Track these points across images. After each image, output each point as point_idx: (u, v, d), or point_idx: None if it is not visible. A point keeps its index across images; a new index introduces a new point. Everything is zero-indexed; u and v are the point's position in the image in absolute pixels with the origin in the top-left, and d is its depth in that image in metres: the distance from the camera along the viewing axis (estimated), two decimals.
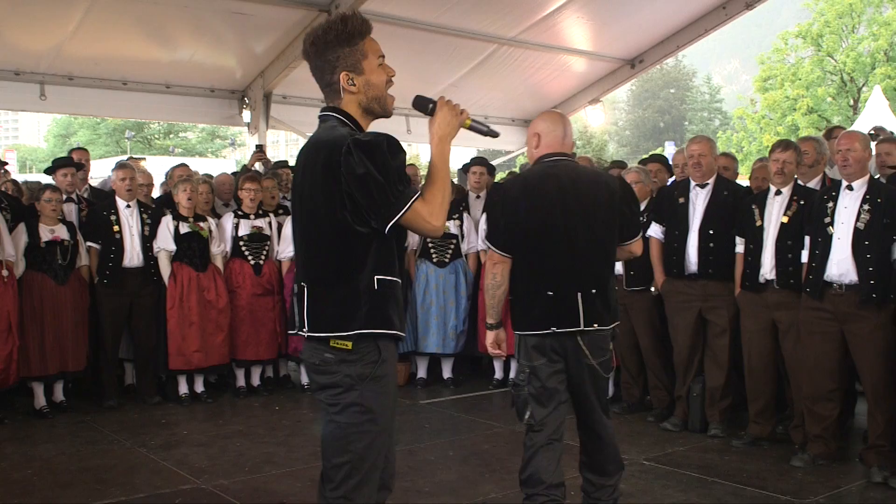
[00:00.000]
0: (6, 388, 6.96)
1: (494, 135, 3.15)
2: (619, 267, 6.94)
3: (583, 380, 4.09)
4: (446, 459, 6.00)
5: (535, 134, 4.17)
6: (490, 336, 4.28)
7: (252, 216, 7.98)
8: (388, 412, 2.98)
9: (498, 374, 8.42)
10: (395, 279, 2.97)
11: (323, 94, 3.06)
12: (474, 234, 8.35)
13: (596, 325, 4.02)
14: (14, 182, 8.61)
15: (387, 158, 2.83)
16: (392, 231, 2.87)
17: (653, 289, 6.88)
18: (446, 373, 8.45)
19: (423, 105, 3.05)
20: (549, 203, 4.01)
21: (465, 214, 8.39)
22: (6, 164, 9.27)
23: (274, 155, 12.61)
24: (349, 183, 2.82)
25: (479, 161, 9.16)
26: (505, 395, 8.10)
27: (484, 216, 7.87)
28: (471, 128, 3.06)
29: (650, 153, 23.91)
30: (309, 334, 2.96)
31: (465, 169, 9.07)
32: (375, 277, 2.91)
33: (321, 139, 2.95)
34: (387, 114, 3.07)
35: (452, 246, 8.27)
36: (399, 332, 2.99)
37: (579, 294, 3.99)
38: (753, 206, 6.14)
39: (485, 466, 5.80)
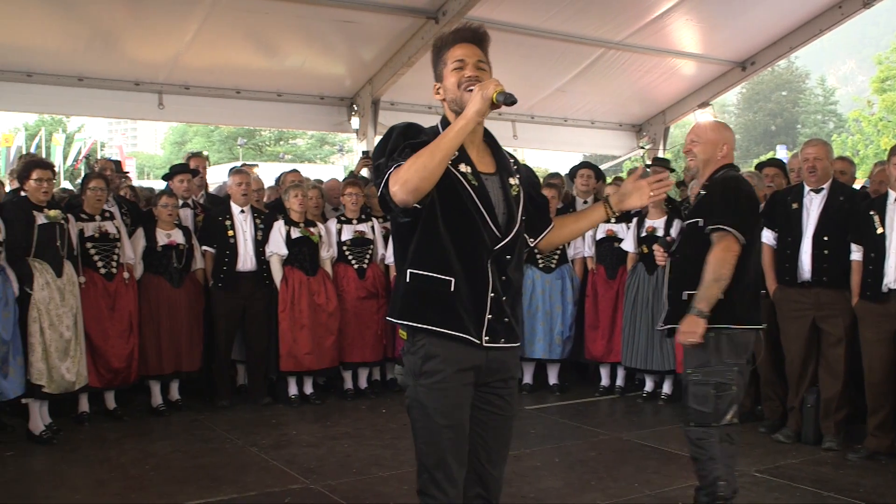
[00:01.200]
0: (126, 386, 7.24)
1: (511, 102, 2.87)
2: None
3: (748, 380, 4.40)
4: (552, 466, 5.97)
5: (725, 143, 4.41)
6: (701, 325, 4.14)
7: (355, 221, 8.09)
8: (446, 410, 2.95)
9: (604, 381, 8.34)
10: (435, 275, 2.93)
11: None
12: (580, 240, 8.29)
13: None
14: (132, 188, 8.93)
15: (396, 140, 2.92)
16: (435, 222, 2.90)
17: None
18: (552, 379, 8.41)
19: None
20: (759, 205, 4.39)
21: None
22: (127, 172, 9.62)
23: None
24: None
25: (586, 165, 9.09)
26: (612, 403, 8.04)
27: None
28: (497, 101, 2.85)
29: (762, 157, 23.32)
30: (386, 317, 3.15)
31: (573, 173, 9.01)
32: (409, 271, 2.97)
33: None
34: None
35: (558, 251, 8.22)
36: (433, 328, 2.93)
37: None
38: (872, 213, 5.92)
39: (591, 474, 5.75)
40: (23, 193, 6.61)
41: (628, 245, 7.97)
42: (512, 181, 3.10)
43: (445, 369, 2.93)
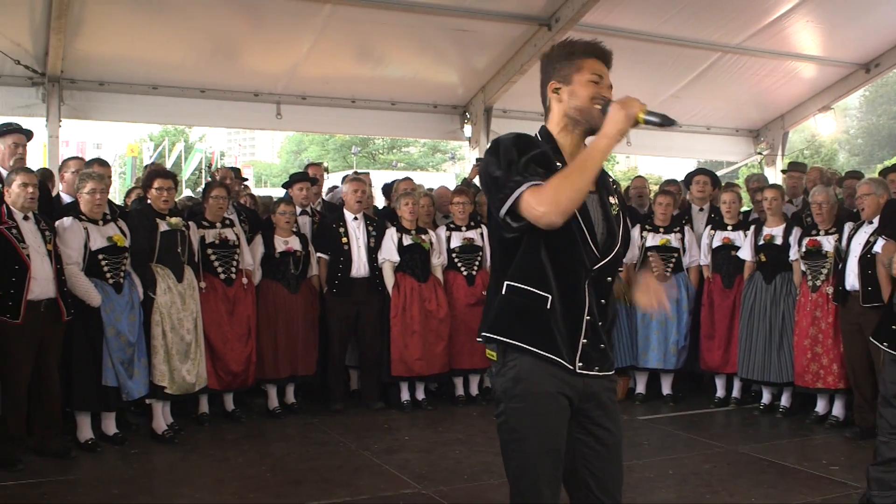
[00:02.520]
0: (244, 389, 7.44)
1: (670, 123, 2.82)
2: (855, 283, 6.61)
3: None
4: (665, 478, 5.86)
5: None
6: None
7: (464, 228, 8.12)
8: (540, 435, 2.82)
9: (720, 393, 8.15)
10: (533, 290, 2.82)
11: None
12: (696, 248, 8.14)
13: None
14: (251, 196, 9.18)
15: (510, 152, 2.78)
16: (538, 237, 2.78)
17: None
18: (666, 389, 8.27)
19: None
20: None
21: (686, 228, 8.18)
22: (246, 179, 9.89)
23: None
24: (481, 186, 2.84)
25: (702, 171, 8.92)
26: (728, 414, 7.87)
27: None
28: (646, 122, 2.80)
29: (887, 162, 22.46)
30: (477, 338, 3.00)
31: (688, 180, 8.86)
32: (506, 283, 2.86)
33: None
34: (595, 126, 2.88)
35: (674, 260, 8.09)
36: (524, 345, 2.82)
37: None
38: None
39: (706, 487, 5.63)
40: (148, 201, 6.90)
41: (745, 253, 7.79)
42: (612, 200, 3.00)
43: (538, 392, 2.81)
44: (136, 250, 6.60)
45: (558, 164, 2.85)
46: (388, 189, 9.46)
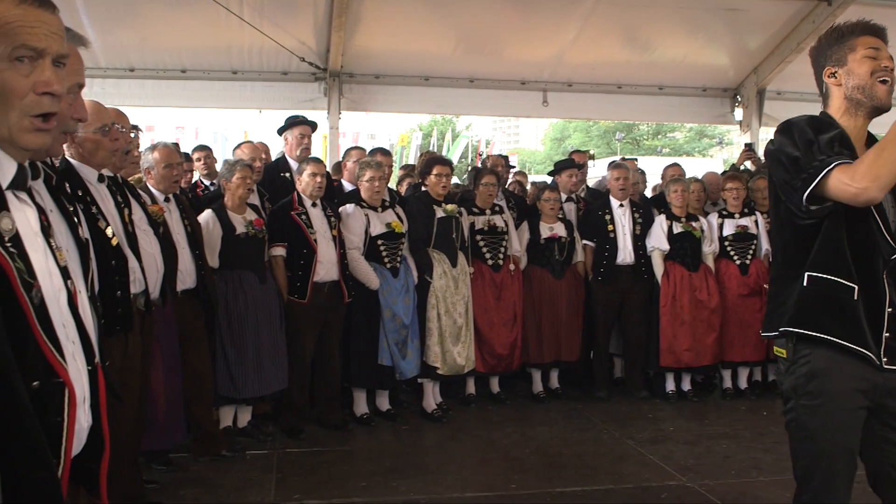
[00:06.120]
0: (509, 373, 7.59)
1: None
2: None
3: None
4: None
5: None
6: None
7: (737, 215, 7.85)
8: (831, 434, 2.73)
9: None
10: (840, 280, 2.70)
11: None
12: None
13: None
14: (519, 183, 9.32)
15: (805, 132, 2.69)
16: (839, 224, 2.68)
17: None
18: None
19: None
20: None
21: None
22: (514, 166, 10.06)
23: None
24: (771, 169, 2.77)
25: None
26: None
27: None
28: None
29: None
30: (762, 334, 2.90)
31: None
32: (807, 273, 2.74)
33: None
34: (878, 104, 2.80)
35: None
36: (833, 339, 2.70)
37: None
38: None
39: None
40: (423, 188, 7.18)
41: None
42: None
43: (832, 389, 2.73)
44: (414, 236, 6.91)
45: None
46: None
